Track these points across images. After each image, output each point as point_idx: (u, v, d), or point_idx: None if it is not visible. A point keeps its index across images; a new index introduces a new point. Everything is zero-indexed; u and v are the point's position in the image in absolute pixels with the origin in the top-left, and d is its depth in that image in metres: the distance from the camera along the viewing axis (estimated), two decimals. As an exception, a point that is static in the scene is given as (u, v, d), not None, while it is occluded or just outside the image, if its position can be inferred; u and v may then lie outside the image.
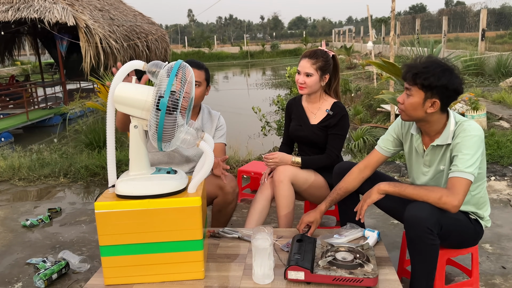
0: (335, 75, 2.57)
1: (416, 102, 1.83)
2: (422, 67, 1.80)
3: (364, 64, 13.40)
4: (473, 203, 1.94)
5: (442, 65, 1.81)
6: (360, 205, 1.95)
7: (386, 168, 4.14)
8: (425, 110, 1.83)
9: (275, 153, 2.47)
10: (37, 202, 3.81)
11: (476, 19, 13.78)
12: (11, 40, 14.28)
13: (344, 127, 2.50)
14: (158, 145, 1.61)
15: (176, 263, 1.72)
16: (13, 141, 8.31)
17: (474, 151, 1.78)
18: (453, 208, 1.74)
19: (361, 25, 33.12)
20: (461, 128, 1.84)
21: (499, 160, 4.11)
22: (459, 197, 1.73)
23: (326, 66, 2.47)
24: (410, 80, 1.83)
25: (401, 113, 1.94)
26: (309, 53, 2.50)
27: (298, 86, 2.51)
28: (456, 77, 1.80)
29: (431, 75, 1.77)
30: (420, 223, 1.73)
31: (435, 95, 1.80)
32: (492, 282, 2.25)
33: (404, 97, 1.88)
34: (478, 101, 5.51)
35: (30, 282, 2.43)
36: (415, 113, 1.87)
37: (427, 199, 1.77)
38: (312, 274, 1.64)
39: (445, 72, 1.78)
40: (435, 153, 1.95)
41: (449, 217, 1.79)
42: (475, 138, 1.80)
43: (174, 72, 1.57)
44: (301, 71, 2.48)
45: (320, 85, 2.51)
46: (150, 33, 14.08)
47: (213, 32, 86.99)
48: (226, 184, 2.34)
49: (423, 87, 1.79)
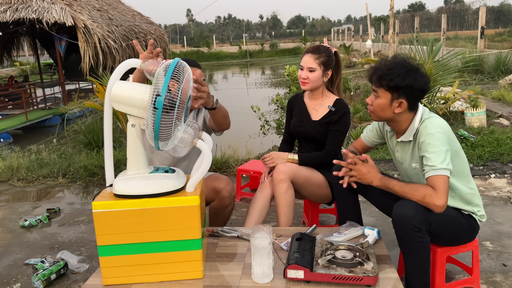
0: (337, 72, 2.56)
1: (384, 103, 1.88)
2: (387, 69, 1.84)
3: (364, 62, 13.37)
4: (459, 199, 1.95)
5: (407, 65, 1.84)
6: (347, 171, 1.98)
7: (386, 166, 4.13)
8: (393, 110, 1.88)
9: (269, 153, 2.48)
10: (35, 202, 3.80)
11: (475, 17, 13.76)
12: (10, 40, 14.26)
13: (345, 124, 2.49)
14: (155, 144, 1.60)
15: (175, 262, 1.71)
16: (12, 141, 8.29)
17: (439, 147, 1.79)
18: (437, 207, 1.75)
19: (360, 24, 33.15)
20: (423, 126, 1.87)
21: (499, 157, 4.10)
22: (441, 195, 1.74)
23: (329, 62, 2.46)
24: (376, 82, 1.88)
25: (371, 114, 1.99)
26: (312, 49, 2.49)
27: (301, 81, 2.50)
28: (421, 76, 1.84)
29: (395, 76, 1.81)
30: (407, 221, 1.75)
31: (401, 96, 1.84)
32: (492, 280, 2.24)
33: (372, 98, 1.94)
34: (477, 99, 5.50)
35: (29, 282, 2.42)
36: (383, 114, 1.92)
37: (411, 198, 1.79)
38: (312, 272, 1.63)
39: (409, 73, 1.82)
40: (404, 149, 1.99)
41: (438, 214, 1.79)
42: (438, 134, 1.81)
43: (171, 70, 1.56)
44: (304, 66, 2.47)
45: (323, 81, 2.50)
46: (149, 32, 14.06)
47: (212, 31, 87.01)
48: (222, 188, 2.32)
49: (389, 88, 1.84)
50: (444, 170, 1.76)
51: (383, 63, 1.89)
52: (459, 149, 1.93)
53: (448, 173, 1.77)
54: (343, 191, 2.22)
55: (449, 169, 1.77)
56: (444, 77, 5.27)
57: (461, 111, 5.68)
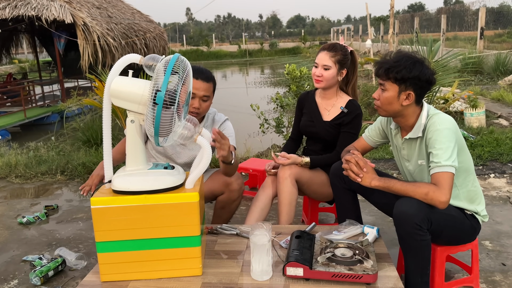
0: (353, 72, 2.51)
1: (391, 96, 1.88)
2: (393, 61, 1.85)
3: (363, 62, 13.35)
4: (463, 198, 1.94)
5: (412, 58, 1.86)
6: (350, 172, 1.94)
7: (385, 165, 4.12)
8: (401, 103, 1.88)
9: (288, 156, 2.40)
10: (33, 199, 3.78)
11: (475, 17, 13.78)
12: (9, 38, 14.20)
13: (357, 126, 2.46)
14: (154, 140, 1.59)
15: (174, 259, 1.69)
16: (10, 139, 8.26)
17: (447, 144, 1.78)
18: (440, 204, 1.74)
19: (359, 24, 33.13)
20: (431, 122, 1.86)
21: (498, 157, 4.10)
22: (445, 191, 1.73)
23: (345, 60, 2.43)
24: (383, 75, 1.88)
25: (378, 109, 1.97)
26: (327, 46, 2.45)
27: (315, 79, 2.45)
28: (426, 68, 1.85)
29: (402, 68, 1.82)
30: (408, 219, 1.74)
31: (409, 87, 1.85)
32: (492, 279, 2.23)
33: (379, 92, 1.93)
34: (477, 99, 5.51)
35: (26, 279, 2.40)
36: (391, 108, 1.91)
37: (414, 195, 1.78)
38: (311, 270, 1.62)
39: (415, 64, 1.83)
40: (410, 147, 1.98)
41: (440, 212, 1.78)
42: (446, 131, 1.81)
43: (171, 66, 1.55)
44: (319, 64, 2.42)
45: (337, 80, 2.45)
46: (148, 31, 14.02)
47: (212, 30, 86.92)
48: (233, 181, 2.30)
49: (396, 80, 1.84)
50: (449, 167, 1.76)
51: (388, 57, 1.90)
52: (465, 146, 1.93)
53: (453, 170, 1.76)
54: (342, 190, 2.22)
55: (454, 166, 1.77)
56: (443, 77, 5.27)
57: (460, 111, 5.68)
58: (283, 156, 2.40)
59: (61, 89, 11.44)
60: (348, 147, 2.30)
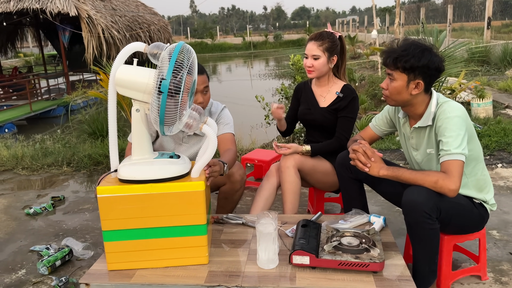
0: (342, 57, 2.51)
1: (400, 85, 1.84)
2: (401, 50, 1.81)
3: (369, 53, 13.28)
4: (472, 186, 1.92)
5: (420, 45, 1.81)
6: (358, 162, 1.92)
7: (391, 156, 4.10)
8: (410, 92, 1.84)
9: (289, 145, 2.41)
10: (40, 190, 3.80)
11: (482, 7, 13.63)
12: (14, 31, 14.23)
13: (354, 110, 2.46)
14: (160, 129, 1.58)
15: (180, 248, 1.70)
16: (16, 132, 8.31)
17: (457, 132, 1.76)
18: (450, 192, 1.72)
19: (365, 15, 32.89)
20: (441, 110, 1.83)
21: (505, 147, 4.06)
22: (455, 179, 1.72)
23: (333, 47, 2.42)
24: (391, 65, 1.84)
25: (387, 99, 1.94)
26: (314, 36, 2.45)
27: (306, 70, 2.47)
28: (435, 56, 1.81)
29: (411, 57, 1.78)
30: (417, 207, 1.72)
31: (418, 76, 1.81)
32: (499, 268, 2.22)
33: (387, 82, 1.89)
34: (484, 89, 5.45)
35: (34, 269, 2.42)
36: (400, 97, 1.88)
37: (423, 183, 1.76)
38: (318, 258, 1.61)
39: (424, 52, 1.79)
40: (419, 135, 1.95)
41: (448, 201, 1.76)
42: (456, 118, 1.78)
43: (176, 54, 1.54)
44: (308, 54, 2.43)
45: (329, 67, 2.46)
46: (152, 23, 13.98)
47: (216, 23, 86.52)
48: (234, 172, 2.31)
49: (405, 69, 1.81)
50: (459, 155, 1.74)
51: (395, 45, 1.85)
52: (475, 135, 1.90)
53: (463, 158, 1.74)
54: (349, 180, 2.20)
55: (464, 154, 1.74)
56: (450, 67, 5.21)
57: (467, 102, 5.62)
58: (284, 146, 2.40)
59: (66, 82, 11.47)
60: (355, 136, 2.28)
